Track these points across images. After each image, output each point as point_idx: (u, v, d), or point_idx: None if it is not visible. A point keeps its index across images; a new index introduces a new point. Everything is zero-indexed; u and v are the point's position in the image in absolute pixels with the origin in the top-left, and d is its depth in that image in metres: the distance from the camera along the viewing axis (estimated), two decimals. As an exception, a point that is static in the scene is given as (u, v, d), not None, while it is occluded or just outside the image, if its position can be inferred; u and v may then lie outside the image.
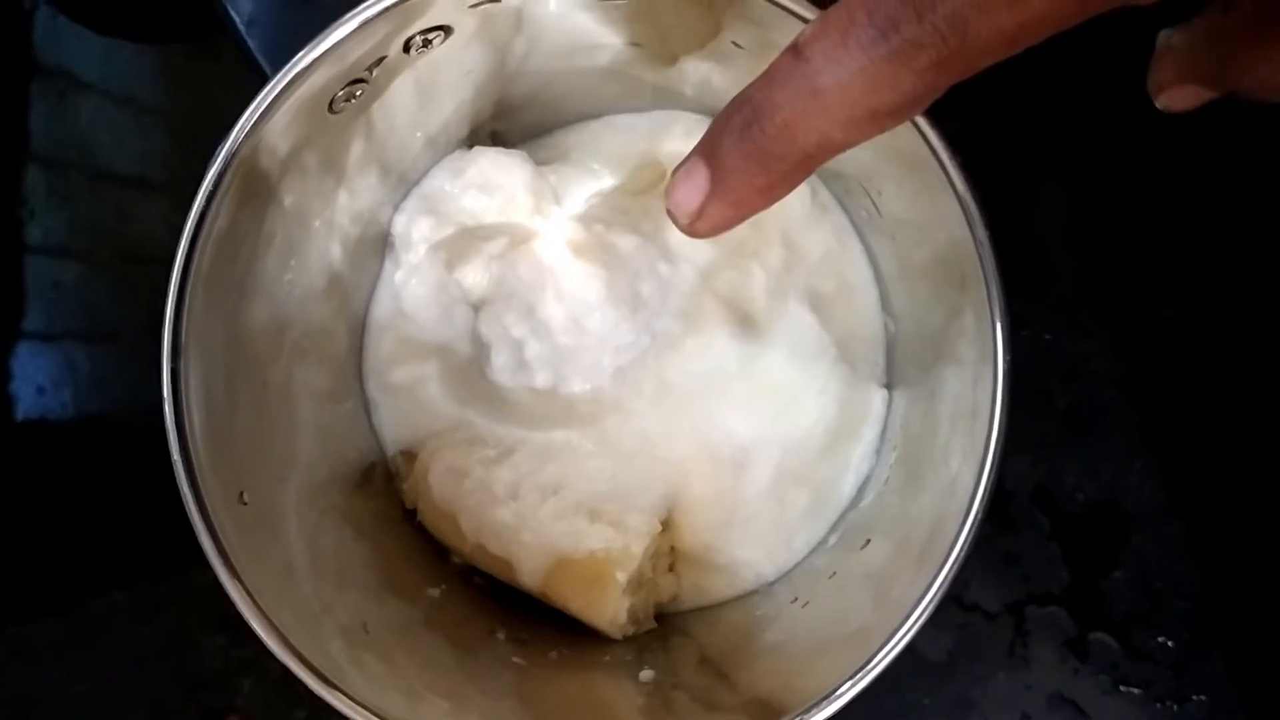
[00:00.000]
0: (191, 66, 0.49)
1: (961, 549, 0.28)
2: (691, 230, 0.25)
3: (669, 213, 0.25)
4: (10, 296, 0.48)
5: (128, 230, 0.48)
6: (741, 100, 0.23)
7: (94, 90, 0.48)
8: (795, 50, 0.22)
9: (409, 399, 0.40)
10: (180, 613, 0.46)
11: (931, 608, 0.29)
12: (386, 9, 0.28)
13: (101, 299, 0.48)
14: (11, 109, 0.48)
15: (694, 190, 0.24)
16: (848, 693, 0.29)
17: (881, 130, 0.22)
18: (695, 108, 0.41)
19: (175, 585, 0.46)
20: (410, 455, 0.40)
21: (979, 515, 0.29)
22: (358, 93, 0.32)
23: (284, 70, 0.28)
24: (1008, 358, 0.29)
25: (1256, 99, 0.27)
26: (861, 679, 0.29)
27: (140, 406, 0.47)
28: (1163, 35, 0.29)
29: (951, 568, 0.28)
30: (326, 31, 0.28)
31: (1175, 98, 0.29)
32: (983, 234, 0.29)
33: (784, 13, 0.29)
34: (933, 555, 0.29)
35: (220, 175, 0.29)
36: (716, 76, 0.38)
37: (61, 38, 0.48)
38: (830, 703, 0.30)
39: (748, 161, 0.23)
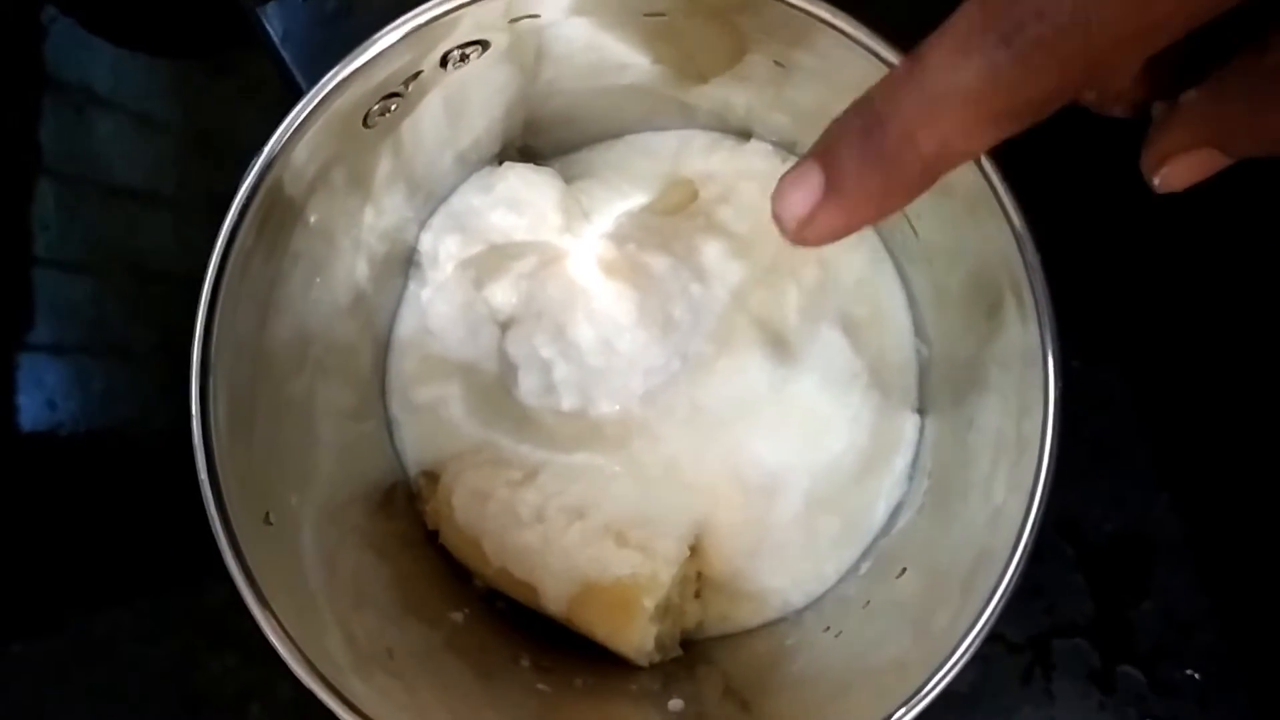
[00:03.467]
0: (205, 82, 0.49)
1: (1010, 580, 0.28)
2: (799, 237, 0.24)
3: (775, 217, 0.24)
4: (21, 310, 0.47)
5: (139, 245, 0.47)
6: (862, 105, 0.22)
7: (107, 104, 0.48)
8: (915, 57, 0.21)
9: (432, 419, 0.39)
10: (188, 633, 0.46)
11: (979, 642, 0.28)
12: (424, 24, 0.28)
13: (112, 313, 0.48)
14: (25, 122, 0.48)
15: (806, 196, 0.23)
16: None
17: (1004, 136, 0.21)
18: (721, 126, 0.41)
19: (183, 605, 0.46)
20: (433, 476, 0.39)
21: (1028, 547, 0.28)
22: (392, 107, 0.31)
23: (321, 83, 0.28)
24: (1059, 384, 0.28)
25: None
26: (907, 713, 0.28)
27: (150, 422, 0.47)
28: (1158, 107, 0.28)
29: (1000, 599, 0.28)
30: (365, 44, 0.28)
31: (1180, 170, 0.27)
32: (1033, 257, 0.28)
33: (809, 23, 0.29)
34: (978, 588, 0.29)
35: (254, 189, 0.29)
36: (742, 96, 0.38)
37: (76, 51, 0.48)
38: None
39: (866, 168, 0.22)
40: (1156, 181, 0.28)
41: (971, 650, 0.28)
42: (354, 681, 0.30)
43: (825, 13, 0.29)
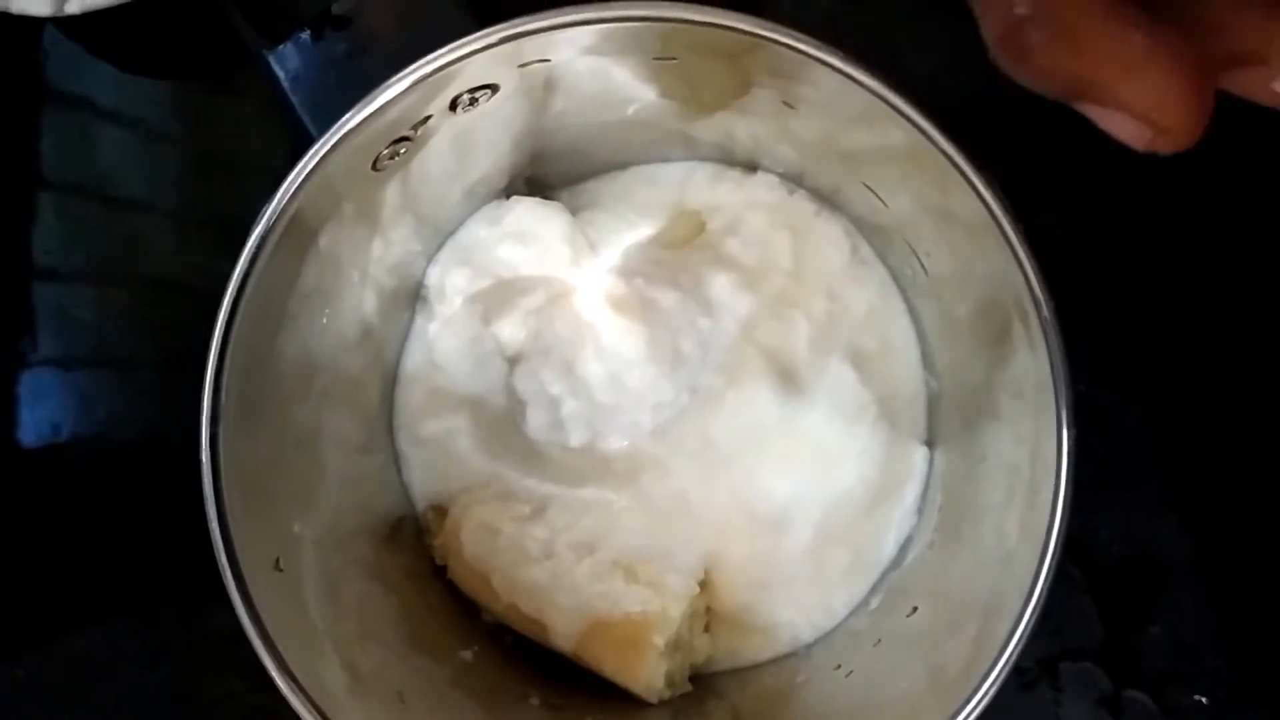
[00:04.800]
0: (209, 100, 0.48)
1: (1025, 630, 0.28)
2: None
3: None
4: (22, 324, 0.47)
5: (143, 261, 0.47)
6: None
7: (110, 119, 0.48)
8: None
9: (440, 452, 0.39)
10: (191, 656, 0.45)
11: (996, 688, 0.28)
12: (438, 69, 0.28)
13: (114, 328, 0.47)
14: (27, 136, 0.47)
15: None
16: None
17: None
18: (726, 158, 0.40)
19: (187, 627, 0.45)
20: (441, 510, 0.39)
21: (1043, 594, 0.28)
22: (401, 150, 0.31)
23: (333, 129, 0.28)
24: (1073, 433, 0.28)
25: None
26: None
27: (154, 438, 0.47)
28: None
29: (1015, 649, 0.28)
30: (376, 91, 0.28)
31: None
32: (1048, 311, 0.28)
33: (807, 61, 0.29)
34: (993, 633, 0.29)
35: (266, 233, 0.29)
36: (746, 129, 0.38)
37: (78, 66, 0.48)
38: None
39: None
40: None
41: (991, 694, 0.28)
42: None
43: (824, 54, 0.29)
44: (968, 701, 0.28)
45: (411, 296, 0.39)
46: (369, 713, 0.31)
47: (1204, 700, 0.44)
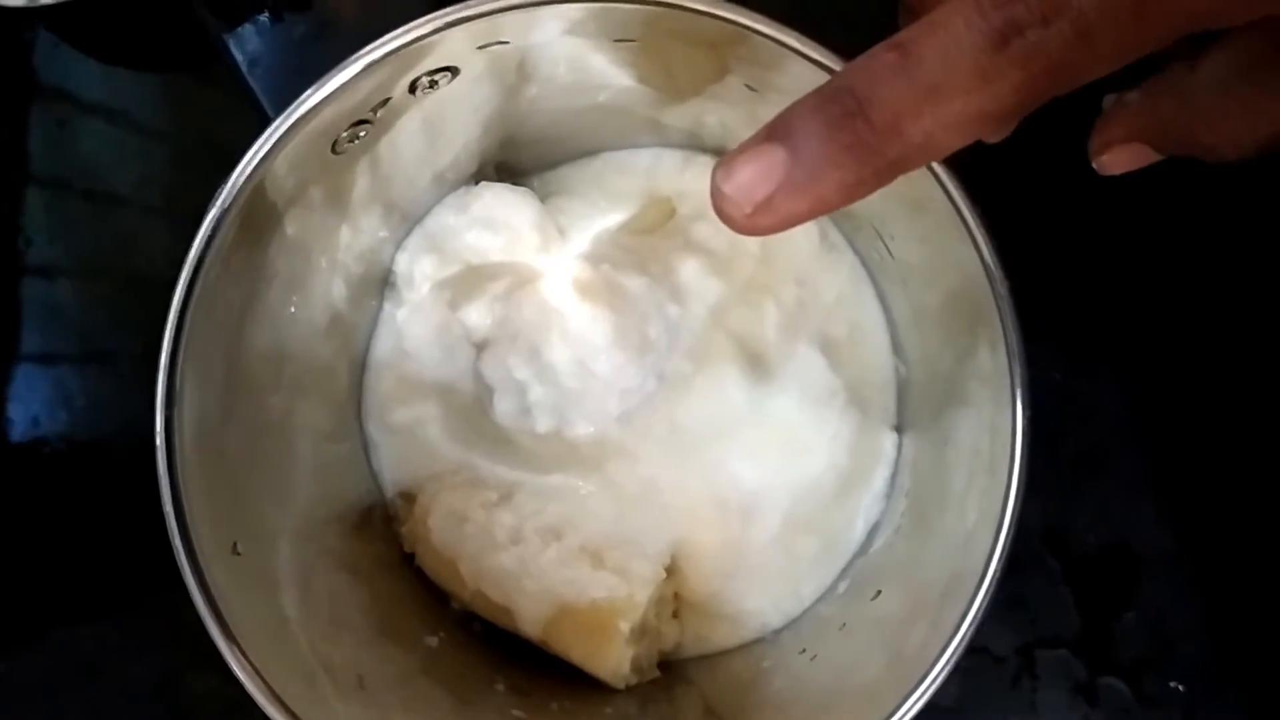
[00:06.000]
0: (192, 93, 0.48)
1: (980, 608, 0.28)
2: (750, 223, 0.22)
3: (720, 197, 0.22)
4: (7, 319, 0.47)
5: (127, 255, 0.47)
6: (838, 89, 0.21)
7: (94, 114, 0.48)
8: (900, 47, 0.21)
9: (409, 440, 0.39)
10: (172, 650, 0.45)
11: (949, 667, 0.28)
12: (393, 51, 0.28)
13: (99, 323, 0.47)
14: (11, 132, 0.47)
15: (766, 176, 0.22)
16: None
17: (984, 135, 0.21)
18: (696, 144, 0.40)
19: (167, 621, 0.45)
20: (410, 497, 0.39)
21: (997, 574, 0.28)
22: (361, 133, 0.31)
23: (286, 112, 0.28)
24: (1027, 414, 0.28)
25: (1210, 157, 0.27)
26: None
27: (137, 432, 0.45)
28: (1109, 99, 0.30)
29: (970, 626, 0.28)
30: (331, 73, 0.28)
31: (1117, 158, 0.30)
32: (1003, 289, 0.28)
33: (788, 54, 0.29)
34: (950, 611, 0.29)
35: (220, 217, 0.28)
36: (715, 115, 0.38)
37: (62, 61, 0.48)
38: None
39: (841, 154, 0.21)
40: (1096, 165, 0.31)
41: (943, 675, 0.28)
42: (326, 708, 0.30)
43: (806, 48, 0.29)
44: (922, 681, 0.28)
45: (380, 283, 0.39)
46: (339, 702, 0.31)
47: (1180, 688, 0.44)
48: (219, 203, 0.28)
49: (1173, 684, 0.44)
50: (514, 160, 0.40)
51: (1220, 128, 0.27)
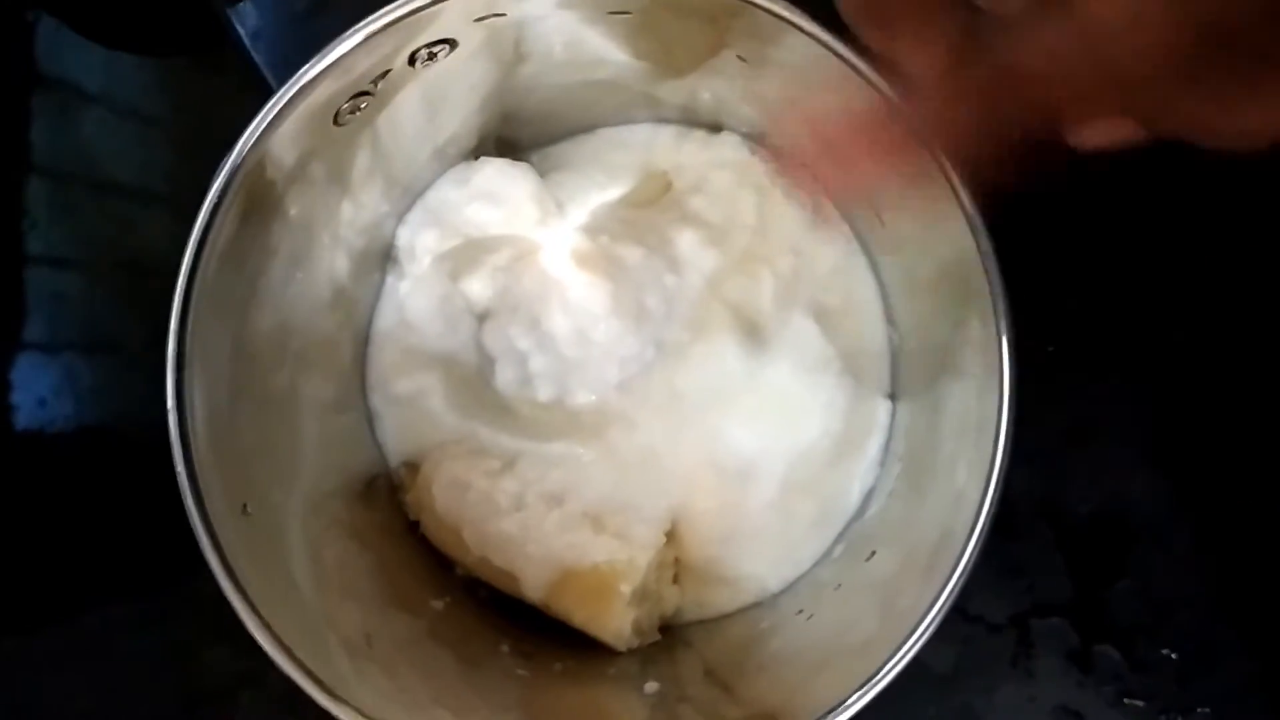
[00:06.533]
0: (194, 79, 0.49)
1: (968, 561, 0.28)
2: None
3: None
4: (12, 307, 0.47)
5: (130, 241, 0.48)
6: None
7: (96, 102, 0.48)
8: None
9: (412, 410, 0.40)
10: (180, 625, 0.46)
11: (939, 620, 0.29)
12: (392, 23, 0.28)
13: (103, 310, 0.48)
14: (14, 120, 0.48)
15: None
16: (854, 705, 0.29)
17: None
18: (691, 119, 0.41)
19: (176, 597, 0.46)
20: (413, 467, 0.40)
21: (985, 528, 0.29)
22: (362, 105, 0.32)
23: (289, 83, 0.28)
24: (1014, 371, 0.29)
25: (1212, 143, 0.26)
26: (868, 691, 0.29)
27: (142, 418, 0.47)
28: None
29: (959, 580, 0.28)
30: (332, 45, 0.28)
31: (1099, 130, 0.28)
32: (987, 245, 0.29)
33: (785, 27, 0.30)
34: (940, 567, 0.29)
35: (225, 187, 0.29)
36: (710, 90, 0.38)
37: (64, 49, 0.48)
38: (836, 715, 0.29)
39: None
40: (1071, 139, 0.28)
41: (933, 628, 0.29)
42: (336, 668, 0.31)
43: (805, 23, 0.30)
44: (912, 633, 0.28)
45: (382, 257, 0.40)
46: (347, 662, 0.32)
47: (1173, 655, 0.44)
48: (223, 172, 0.29)
49: (1165, 650, 0.44)
50: (513, 136, 0.41)
51: (1234, 111, 0.25)
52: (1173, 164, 0.43)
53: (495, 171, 0.38)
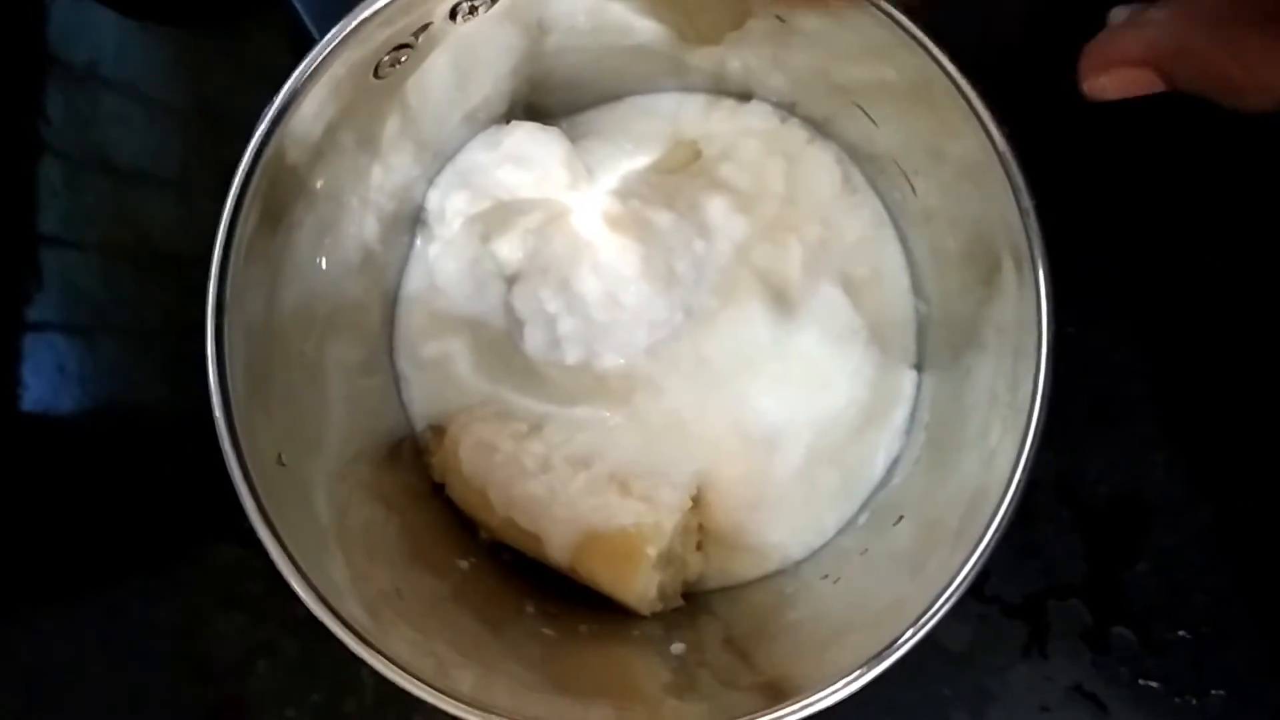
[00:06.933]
0: (212, 57, 0.49)
1: (1001, 520, 0.29)
2: None
3: None
4: (25, 286, 0.48)
5: (147, 221, 0.48)
6: None
7: (111, 81, 0.48)
8: None
9: (439, 373, 0.40)
10: (196, 595, 0.46)
11: (970, 580, 0.29)
12: (435, -27, 0.29)
13: (119, 289, 0.48)
14: (29, 99, 0.48)
15: None
16: (881, 663, 0.29)
17: None
18: (720, 87, 0.41)
19: (191, 568, 0.46)
20: (439, 430, 0.40)
21: (1021, 486, 0.29)
22: (403, 58, 0.32)
23: (335, 29, 0.28)
24: (1052, 327, 0.29)
25: (1230, 100, 0.26)
26: (893, 653, 0.29)
27: (157, 395, 0.47)
28: (1118, 11, 0.29)
29: (991, 538, 0.29)
30: (374, -4, 0.28)
31: (1116, 81, 0.28)
32: (1028, 203, 0.29)
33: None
34: (970, 531, 0.29)
35: (262, 143, 0.29)
36: (739, 59, 0.38)
37: (80, 28, 0.48)
38: (861, 676, 0.29)
39: None
40: (1087, 86, 0.28)
41: (963, 589, 0.29)
42: (364, 619, 0.31)
43: None
44: (944, 591, 0.29)
45: (412, 220, 0.40)
46: (374, 612, 0.32)
47: (1188, 636, 0.44)
48: (265, 120, 0.29)
49: (1181, 633, 0.44)
50: (542, 103, 0.41)
51: (1255, 66, 0.24)
52: (1193, 147, 0.44)
53: (526, 135, 0.38)
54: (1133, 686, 0.44)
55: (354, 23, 0.29)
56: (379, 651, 0.29)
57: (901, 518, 0.36)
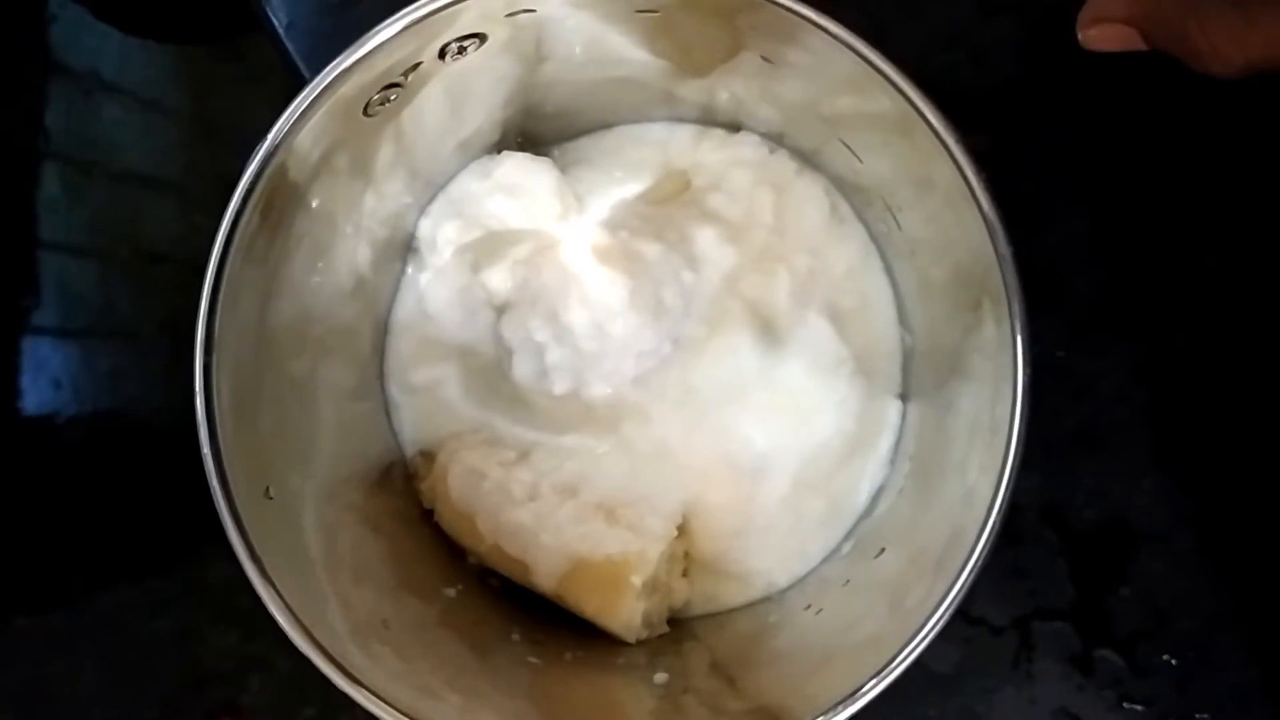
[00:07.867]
0: (212, 67, 0.49)
1: (978, 558, 0.29)
2: None
3: None
4: (27, 293, 0.48)
5: (145, 229, 0.48)
6: None
7: (113, 89, 0.48)
8: None
9: (429, 400, 0.40)
10: (190, 608, 0.46)
11: (948, 616, 0.29)
12: (425, 16, 0.29)
13: (117, 297, 0.48)
14: (31, 107, 0.48)
15: None
16: (861, 699, 0.30)
17: None
18: (710, 118, 0.41)
19: (186, 581, 0.46)
20: (429, 455, 0.40)
21: (996, 526, 0.29)
22: (392, 97, 0.32)
23: (324, 73, 0.29)
24: (1028, 371, 0.29)
25: (1196, 65, 0.29)
26: (876, 685, 0.29)
27: (155, 404, 0.48)
28: None
29: (968, 576, 0.29)
30: (366, 37, 0.29)
31: (1104, 34, 0.31)
32: (1005, 249, 0.29)
33: (805, 25, 0.30)
34: (949, 564, 0.30)
35: (257, 174, 0.30)
36: (729, 90, 0.39)
37: (82, 36, 0.48)
38: (843, 709, 0.30)
39: None
40: (1082, 37, 0.32)
41: (941, 624, 0.29)
42: (350, 650, 0.31)
43: (822, 19, 0.30)
44: (921, 629, 0.29)
45: (404, 248, 0.41)
46: (360, 645, 0.32)
47: (1173, 661, 0.44)
48: (256, 159, 0.29)
49: (1166, 657, 0.44)
50: (535, 130, 0.41)
51: (1214, 34, 0.28)
52: (1188, 174, 0.44)
53: (516, 165, 0.39)
54: (1117, 710, 0.44)
55: (343, 65, 0.29)
56: (362, 685, 0.29)
57: (883, 550, 0.36)
